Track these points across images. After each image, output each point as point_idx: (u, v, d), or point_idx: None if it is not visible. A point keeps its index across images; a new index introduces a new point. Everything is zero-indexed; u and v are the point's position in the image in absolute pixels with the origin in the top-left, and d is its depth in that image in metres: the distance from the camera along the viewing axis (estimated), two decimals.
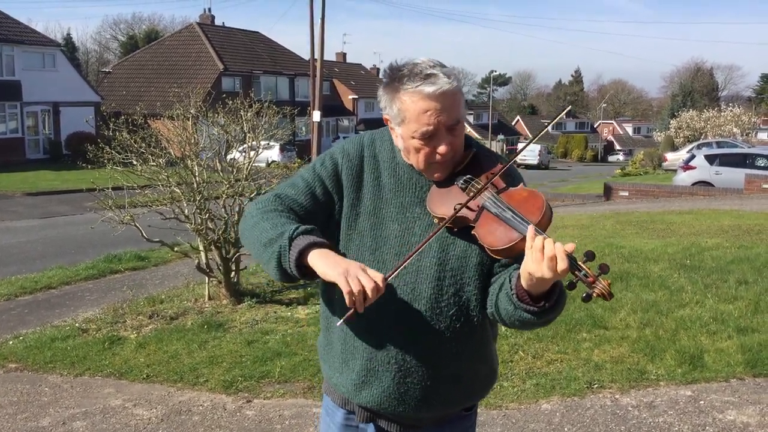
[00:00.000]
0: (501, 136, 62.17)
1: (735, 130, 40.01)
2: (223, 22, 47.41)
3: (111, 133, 7.35)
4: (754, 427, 4.03)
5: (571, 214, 14.03)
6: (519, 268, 1.71)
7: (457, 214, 1.80)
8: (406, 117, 1.81)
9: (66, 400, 4.79)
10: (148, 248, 10.08)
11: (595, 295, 1.64)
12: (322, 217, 1.94)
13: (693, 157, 20.71)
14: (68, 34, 63.85)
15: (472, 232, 1.81)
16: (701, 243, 9.06)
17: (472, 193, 1.82)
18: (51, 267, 9.69)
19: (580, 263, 1.65)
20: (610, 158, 69.92)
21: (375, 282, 1.66)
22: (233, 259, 6.97)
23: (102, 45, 71.15)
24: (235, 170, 7.35)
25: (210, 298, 7.07)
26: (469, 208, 1.81)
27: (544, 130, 2.24)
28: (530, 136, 72.86)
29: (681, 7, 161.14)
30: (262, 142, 7.88)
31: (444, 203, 1.85)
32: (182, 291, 7.62)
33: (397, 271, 1.77)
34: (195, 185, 7.02)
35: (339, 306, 1.91)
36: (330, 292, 1.95)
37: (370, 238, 1.91)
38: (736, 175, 18.35)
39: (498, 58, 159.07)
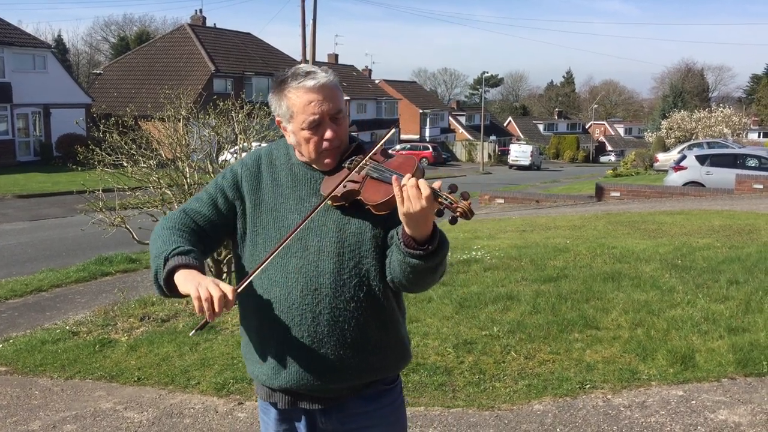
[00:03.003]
0: (493, 137, 62.23)
1: (726, 130, 40.19)
2: (215, 24, 47.29)
3: (101, 135, 7.32)
4: (746, 427, 4.04)
5: (563, 215, 14.06)
6: None
7: (345, 190, 2.02)
8: (294, 111, 2.06)
9: (56, 403, 4.76)
10: (140, 250, 10.03)
11: (458, 214, 1.85)
12: (226, 223, 2.17)
13: (684, 157, 20.76)
14: (59, 36, 63.84)
15: (358, 198, 2.02)
16: (692, 243, 9.09)
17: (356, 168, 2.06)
18: (41, 269, 9.66)
19: (444, 193, 1.86)
20: (602, 159, 70.08)
21: (223, 292, 1.83)
22: (225, 261, 6.94)
23: (93, 46, 70.95)
24: None
25: None
26: (355, 182, 2.03)
27: (384, 139, 2.37)
28: (522, 136, 73.19)
29: (671, 8, 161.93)
30: (254, 144, 7.86)
31: (334, 184, 2.06)
32: None
33: (246, 282, 1.97)
34: (186, 187, 7.00)
35: (252, 305, 2.13)
36: (242, 300, 2.16)
37: (274, 230, 2.11)
38: (726, 176, 18.40)
39: (490, 59, 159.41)
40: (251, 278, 1.99)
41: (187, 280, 1.90)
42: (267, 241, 2.11)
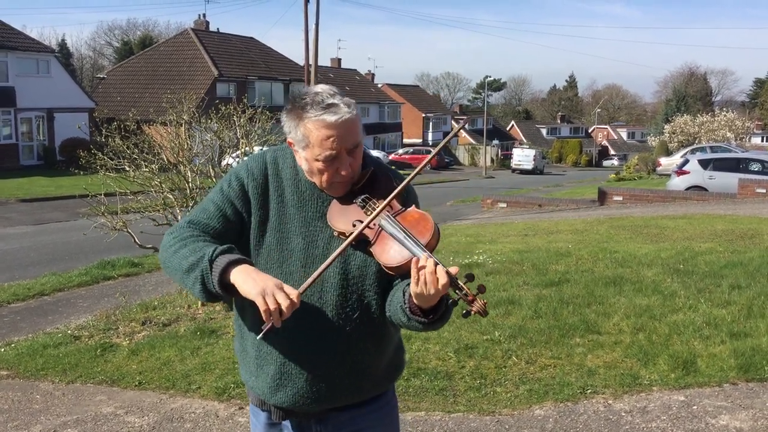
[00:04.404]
0: (496, 142, 62.22)
1: (729, 134, 40.18)
2: (218, 28, 47.43)
3: (103, 139, 7.34)
4: None
5: (566, 219, 14.05)
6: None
7: (353, 229, 1.96)
8: (310, 142, 1.97)
9: (57, 407, 4.76)
10: (142, 254, 10.05)
11: (473, 312, 1.82)
12: (234, 236, 2.07)
13: (687, 161, 20.75)
14: (63, 40, 64.13)
15: (369, 249, 1.98)
16: (695, 248, 9.08)
17: (370, 214, 1.98)
18: (44, 273, 9.67)
19: (460, 283, 1.82)
20: (605, 163, 70.08)
21: (290, 299, 1.81)
22: None
23: (96, 51, 71.19)
24: None
25: (203, 305, 7.05)
26: (368, 227, 1.97)
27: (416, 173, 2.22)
28: (525, 140, 73.11)
29: (674, 12, 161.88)
30: (256, 148, 7.87)
31: (343, 219, 2.02)
32: (175, 297, 7.59)
33: (309, 284, 1.90)
34: (188, 191, 7.01)
35: (250, 314, 2.07)
36: (240, 301, 2.06)
37: (277, 252, 2.05)
38: (729, 180, 18.38)
39: (493, 63, 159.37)
40: (312, 282, 1.90)
41: (247, 282, 1.83)
42: (269, 262, 2.05)
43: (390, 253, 1.92)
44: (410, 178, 2.15)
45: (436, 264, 1.81)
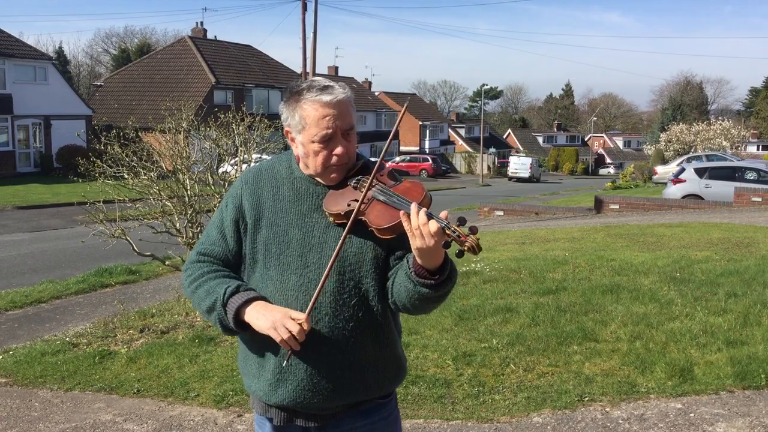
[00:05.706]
0: (492, 149, 62.35)
1: (724, 143, 40.33)
2: (215, 36, 47.56)
3: (102, 147, 7.36)
4: None
5: (562, 227, 14.08)
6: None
7: (349, 209, 2.04)
8: (308, 123, 2.07)
9: (56, 415, 4.76)
10: (140, 262, 10.05)
11: (466, 248, 1.88)
12: (242, 254, 2.20)
13: (683, 170, 20.80)
14: (60, 48, 64.00)
15: (362, 219, 2.03)
16: (691, 256, 9.11)
17: (363, 189, 2.07)
18: (41, 281, 9.66)
19: (452, 225, 1.89)
20: (601, 171, 70.35)
21: (300, 325, 1.95)
22: None
23: (94, 58, 71.24)
24: (226, 184, 7.36)
25: None
26: (362, 202, 2.05)
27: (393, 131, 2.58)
28: (521, 148, 73.31)
29: (670, 21, 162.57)
30: (254, 156, 7.90)
31: (338, 202, 2.09)
32: (173, 305, 7.59)
33: (312, 305, 2.01)
34: (186, 199, 7.03)
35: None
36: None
37: (275, 245, 2.12)
38: (725, 188, 18.44)
39: (489, 71, 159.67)
40: (314, 302, 2.02)
41: (259, 320, 1.99)
42: (267, 256, 2.12)
43: (382, 215, 2.00)
44: (388, 142, 2.76)
45: (428, 216, 1.87)
